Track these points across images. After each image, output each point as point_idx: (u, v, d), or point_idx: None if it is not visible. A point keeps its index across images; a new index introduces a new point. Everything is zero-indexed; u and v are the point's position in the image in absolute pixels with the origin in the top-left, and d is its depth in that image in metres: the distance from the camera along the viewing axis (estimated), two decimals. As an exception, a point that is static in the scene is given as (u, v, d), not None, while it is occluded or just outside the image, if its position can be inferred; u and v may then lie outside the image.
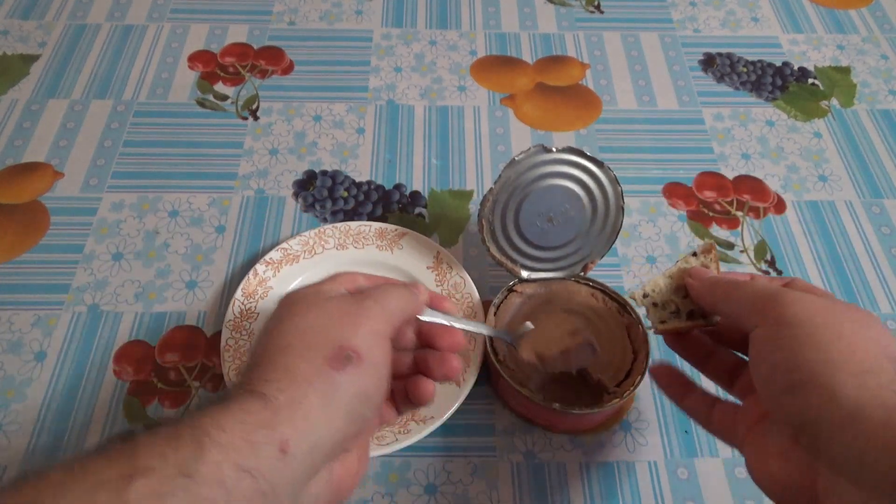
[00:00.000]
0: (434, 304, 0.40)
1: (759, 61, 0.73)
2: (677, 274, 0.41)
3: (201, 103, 0.68)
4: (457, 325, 0.39)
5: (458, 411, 0.47)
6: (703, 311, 0.40)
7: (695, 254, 0.42)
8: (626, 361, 0.47)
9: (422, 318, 0.38)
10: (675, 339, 0.42)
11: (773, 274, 0.57)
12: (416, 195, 0.61)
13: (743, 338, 0.36)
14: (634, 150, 0.65)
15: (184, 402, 0.50)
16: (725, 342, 0.40)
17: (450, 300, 0.41)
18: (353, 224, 0.56)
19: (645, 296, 0.42)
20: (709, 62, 0.73)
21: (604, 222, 0.50)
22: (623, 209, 0.50)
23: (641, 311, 0.45)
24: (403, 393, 0.38)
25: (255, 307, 0.52)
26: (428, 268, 0.54)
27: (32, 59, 0.71)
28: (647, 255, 0.58)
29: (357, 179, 0.62)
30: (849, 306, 0.30)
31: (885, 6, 0.80)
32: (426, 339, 0.39)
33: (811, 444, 0.27)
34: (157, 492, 0.23)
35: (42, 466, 0.24)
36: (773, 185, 0.63)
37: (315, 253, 0.55)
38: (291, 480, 0.27)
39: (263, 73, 0.71)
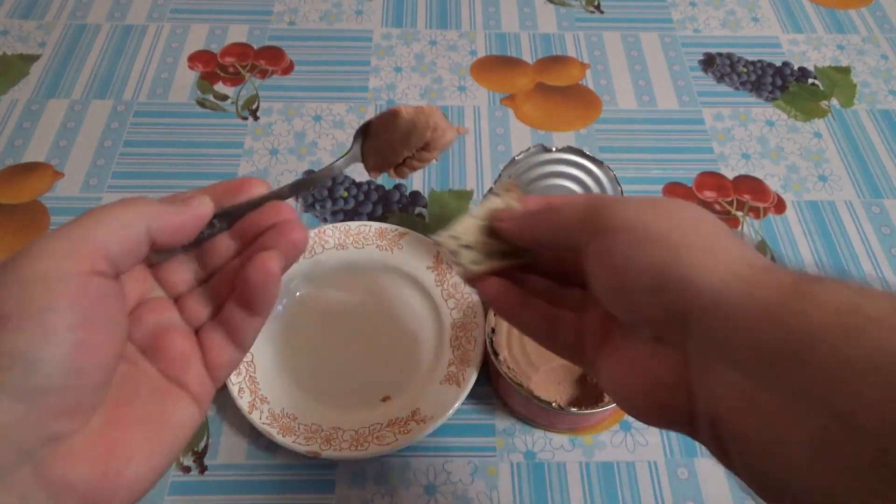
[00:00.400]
0: (224, 198, 0.30)
1: (759, 61, 0.73)
2: (485, 215, 0.36)
3: (201, 103, 0.68)
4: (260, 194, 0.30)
5: (458, 411, 0.47)
6: (516, 249, 0.35)
7: (491, 190, 0.37)
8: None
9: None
10: (491, 287, 0.34)
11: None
12: (416, 195, 0.61)
13: (560, 265, 0.34)
14: (634, 150, 0.65)
15: (184, 402, 0.50)
16: (546, 274, 0.36)
17: (259, 181, 0.31)
18: (353, 224, 0.56)
19: (454, 238, 0.35)
20: (709, 62, 0.73)
21: (604, 222, 0.50)
22: (623, 209, 0.50)
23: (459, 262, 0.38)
24: (233, 303, 0.28)
25: (255, 307, 0.52)
26: (428, 268, 0.54)
27: (32, 59, 0.71)
28: (647, 255, 0.58)
29: (357, 179, 0.62)
30: (665, 199, 0.29)
31: (885, 6, 0.80)
32: (248, 230, 0.29)
33: (679, 338, 0.26)
34: None
35: None
36: (773, 185, 0.63)
37: (315, 253, 0.55)
38: None
39: (263, 73, 0.71)
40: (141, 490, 0.25)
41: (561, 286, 0.35)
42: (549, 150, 0.48)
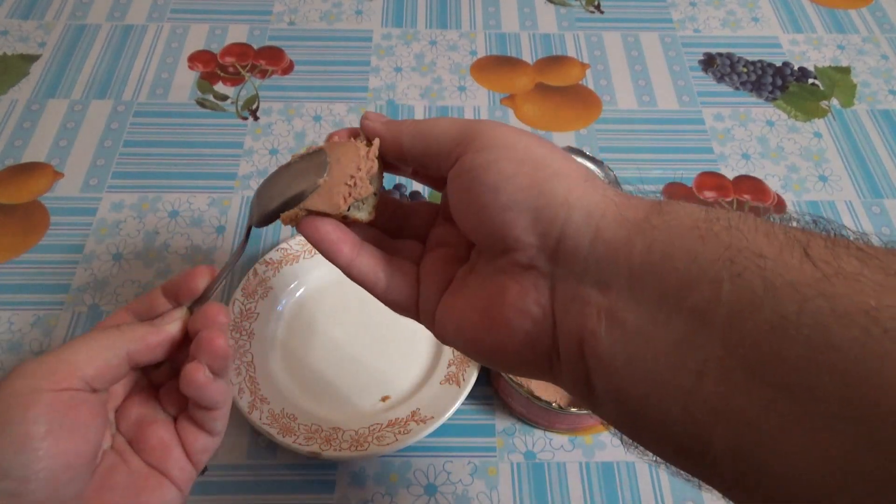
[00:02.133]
0: (181, 291, 0.32)
1: (759, 61, 0.73)
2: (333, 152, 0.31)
3: (201, 103, 0.68)
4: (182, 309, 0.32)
5: (458, 411, 0.47)
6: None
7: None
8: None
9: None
10: (324, 228, 0.30)
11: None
12: (415, 195, 0.61)
13: (394, 216, 0.32)
14: (634, 150, 0.65)
15: (184, 402, 0.50)
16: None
17: (204, 271, 0.32)
18: (353, 224, 0.56)
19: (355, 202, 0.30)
20: (709, 62, 0.73)
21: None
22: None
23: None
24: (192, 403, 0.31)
25: (255, 307, 0.52)
26: (428, 268, 0.54)
27: (32, 59, 0.71)
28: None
29: (357, 179, 0.62)
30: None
31: (885, 6, 0.80)
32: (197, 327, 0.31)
33: (545, 263, 0.25)
34: None
35: None
36: (774, 185, 0.63)
37: (315, 253, 0.55)
38: None
39: (263, 73, 0.71)
40: None
41: (392, 239, 0.33)
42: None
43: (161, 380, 0.33)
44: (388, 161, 0.31)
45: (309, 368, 0.50)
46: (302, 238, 0.55)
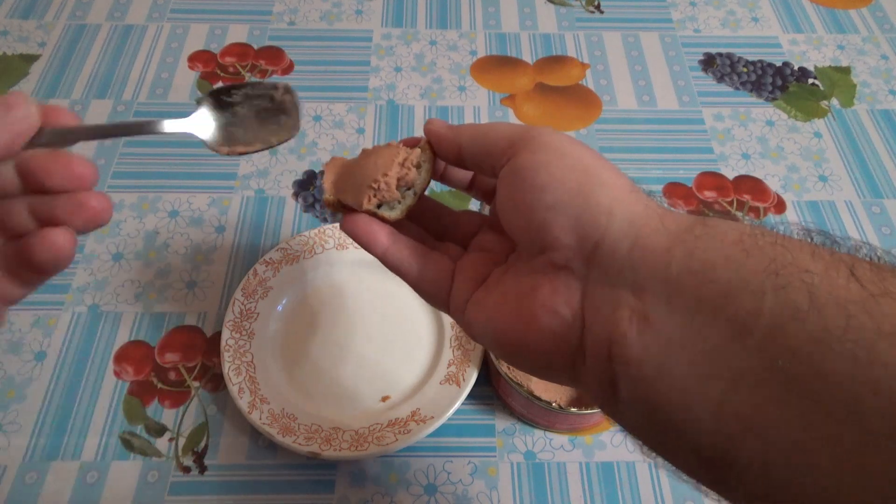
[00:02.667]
0: (50, 120, 0.26)
1: (759, 61, 0.73)
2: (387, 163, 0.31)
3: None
4: (82, 142, 0.27)
5: (458, 411, 0.47)
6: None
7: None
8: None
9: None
10: (360, 219, 0.32)
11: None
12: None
13: (439, 220, 0.33)
14: (634, 150, 0.65)
15: (184, 402, 0.50)
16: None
17: (71, 113, 0.27)
18: (353, 224, 0.56)
19: (381, 205, 0.31)
20: (709, 62, 0.73)
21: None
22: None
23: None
24: (19, 257, 0.26)
25: (255, 307, 0.52)
26: (428, 268, 0.54)
27: (32, 59, 0.71)
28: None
29: (357, 179, 0.62)
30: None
31: (885, 6, 0.80)
32: (34, 178, 0.26)
33: (581, 265, 0.25)
34: None
35: None
36: (773, 185, 0.63)
37: (315, 253, 0.55)
38: None
39: (263, 73, 0.71)
40: None
41: (436, 239, 0.34)
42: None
43: None
44: (447, 162, 0.33)
45: (309, 368, 0.51)
46: (302, 238, 0.55)
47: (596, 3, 0.79)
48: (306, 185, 0.62)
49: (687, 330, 0.22)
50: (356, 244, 0.33)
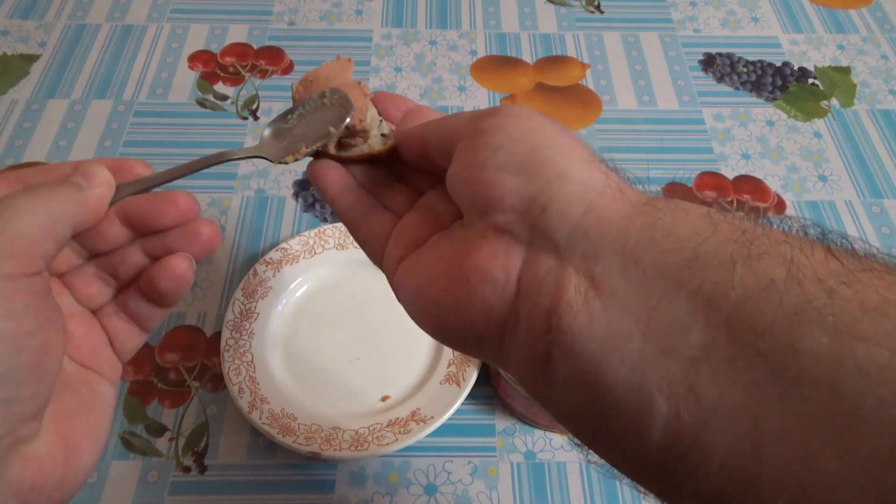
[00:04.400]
0: (123, 174, 0.28)
1: (759, 61, 0.73)
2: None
3: (201, 103, 0.68)
4: (166, 181, 0.28)
5: (458, 411, 0.47)
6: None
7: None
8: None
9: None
10: (330, 171, 0.32)
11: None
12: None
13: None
14: (634, 150, 0.65)
15: (184, 402, 0.50)
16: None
17: (143, 162, 0.29)
18: (353, 224, 0.56)
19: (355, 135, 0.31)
20: (709, 62, 0.73)
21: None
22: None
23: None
24: (142, 291, 0.28)
25: (255, 307, 0.52)
26: (428, 268, 0.54)
27: (32, 59, 0.71)
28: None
29: (357, 179, 0.62)
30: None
31: (885, 6, 0.80)
32: (144, 223, 0.28)
33: (525, 230, 0.23)
34: None
35: None
36: (773, 185, 0.63)
37: (315, 253, 0.55)
38: None
39: (263, 73, 0.71)
40: (90, 473, 0.26)
41: (392, 179, 0.33)
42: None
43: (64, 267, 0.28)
44: (410, 159, 0.31)
45: (309, 368, 0.50)
46: (302, 238, 0.55)
47: (596, 3, 0.79)
48: (306, 185, 0.62)
49: (643, 301, 0.20)
50: (357, 244, 0.33)
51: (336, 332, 0.52)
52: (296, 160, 0.32)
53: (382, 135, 0.32)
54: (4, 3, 0.77)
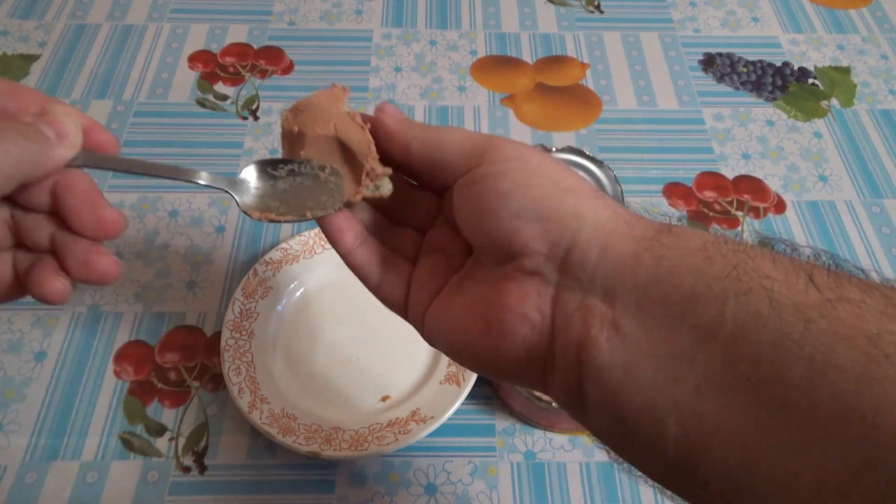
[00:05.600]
0: (89, 140, 0.27)
1: (759, 61, 0.73)
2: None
3: (201, 103, 0.68)
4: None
5: (458, 411, 0.47)
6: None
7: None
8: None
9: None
10: (342, 219, 0.31)
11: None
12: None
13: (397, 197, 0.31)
14: (634, 150, 0.65)
15: (184, 402, 0.50)
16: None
17: (109, 135, 0.28)
18: (353, 224, 0.56)
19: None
20: (709, 62, 0.73)
21: (604, 222, 0.50)
22: (623, 209, 0.50)
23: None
24: (21, 280, 0.28)
25: (255, 307, 0.52)
26: (428, 268, 0.54)
27: (32, 59, 0.71)
28: (647, 255, 0.58)
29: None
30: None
31: (885, 6, 0.80)
32: (62, 209, 0.27)
33: (552, 271, 0.25)
34: None
35: None
36: (773, 185, 0.63)
37: (315, 253, 0.55)
38: None
39: (263, 73, 0.71)
40: None
41: (392, 224, 0.32)
42: (549, 150, 0.48)
43: None
44: (391, 161, 0.30)
45: (309, 368, 0.51)
46: (302, 238, 0.55)
47: (596, 3, 0.79)
48: (306, 185, 0.62)
49: (653, 335, 0.22)
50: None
51: (336, 331, 0.52)
52: (261, 220, 0.30)
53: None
54: (4, 3, 0.77)
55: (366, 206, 0.32)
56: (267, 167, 0.31)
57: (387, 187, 0.30)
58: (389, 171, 0.30)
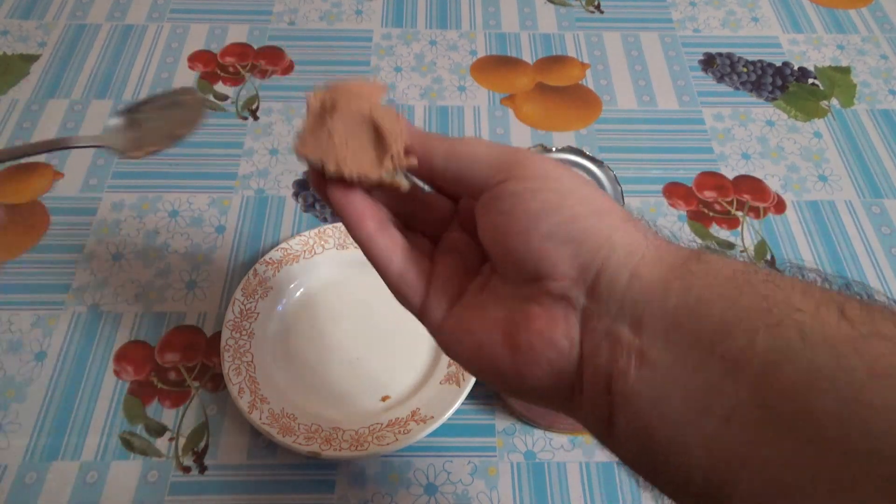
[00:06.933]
0: None
1: (759, 61, 0.73)
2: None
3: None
4: None
5: (458, 411, 0.47)
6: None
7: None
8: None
9: None
10: (357, 197, 0.29)
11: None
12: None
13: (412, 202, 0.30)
14: (634, 150, 0.65)
15: (184, 402, 0.50)
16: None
17: None
18: (353, 224, 0.56)
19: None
20: (709, 62, 0.73)
21: (604, 222, 0.50)
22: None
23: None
24: None
25: (255, 307, 0.52)
26: (428, 268, 0.54)
27: (32, 59, 0.71)
28: (647, 255, 0.58)
29: (357, 179, 0.62)
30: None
31: (885, 6, 0.80)
32: None
33: (579, 296, 0.24)
34: None
35: None
36: (773, 185, 0.63)
37: (315, 253, 0.55)
38: None
39: (263, 73, 0.71)
40: None
41: (404, 229, 0.31)
42: (549, 150, 0.48)
43: None
44: (414, 175, 0.30)
45: (309, 368, 0.51)
46: (302, 238, 0.55)
47: (596, 3, 0.79)
48: (306, 185, 0.62)
49: (682, 366, 0.22)
50: (356, 244, 0.31)
51: (336, 331, 0.52)
52: (146, 155, 0.30)
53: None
54: (4, 3, 0.77)
55: (381, 206, 0.30)
56: (130, 112, 0.31)
57: (405, 181, 0.29)
58: (415, 161, 0.28)
